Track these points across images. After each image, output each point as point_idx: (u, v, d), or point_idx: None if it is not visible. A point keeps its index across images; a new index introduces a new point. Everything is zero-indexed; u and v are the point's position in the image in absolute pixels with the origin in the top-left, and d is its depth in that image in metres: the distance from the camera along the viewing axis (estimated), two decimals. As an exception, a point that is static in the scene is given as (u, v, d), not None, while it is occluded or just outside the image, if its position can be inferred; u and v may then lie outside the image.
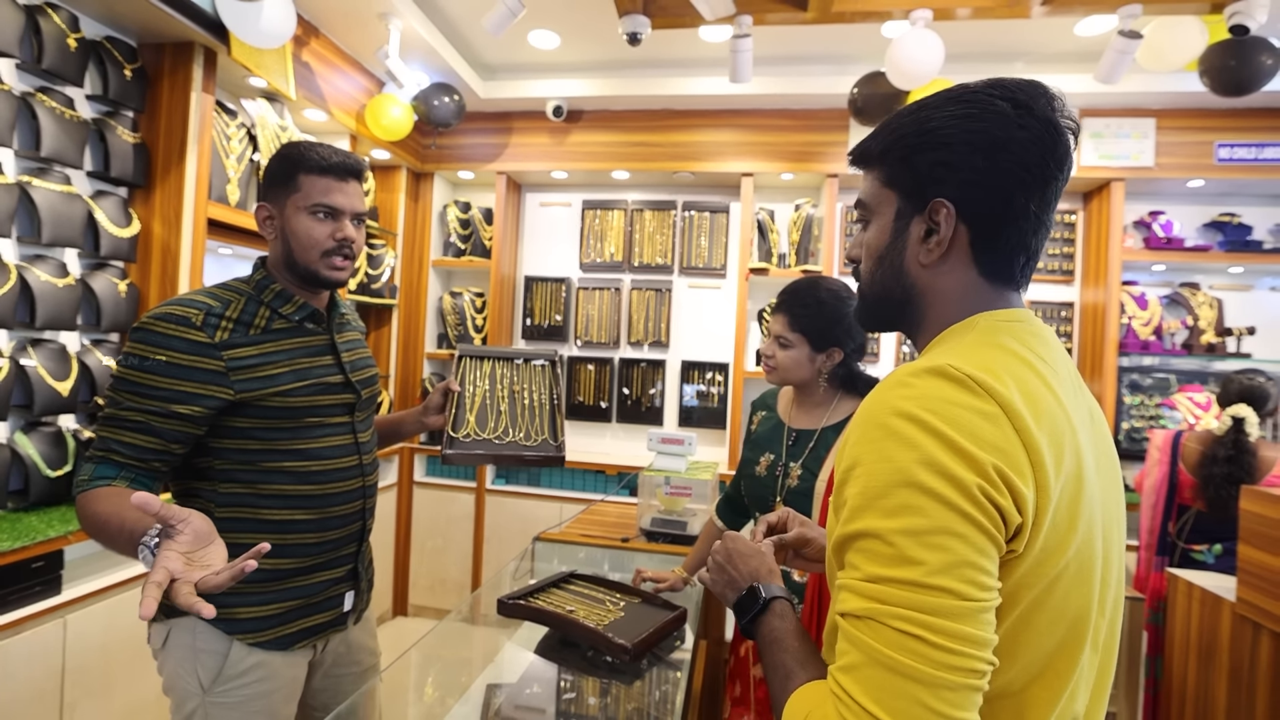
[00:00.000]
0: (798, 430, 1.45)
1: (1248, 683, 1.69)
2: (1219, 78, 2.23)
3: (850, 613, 0.56)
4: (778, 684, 0.66)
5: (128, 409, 1.06)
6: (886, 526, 0.55)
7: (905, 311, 0.72)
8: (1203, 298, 3.11)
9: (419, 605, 3.58)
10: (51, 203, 1.81)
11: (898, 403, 0.58)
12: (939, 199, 0.66)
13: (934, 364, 0.60)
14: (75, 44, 1.88)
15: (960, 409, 0.56)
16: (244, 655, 1.15)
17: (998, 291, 0.69)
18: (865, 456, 0.58)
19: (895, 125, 0.70)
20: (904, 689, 0.52)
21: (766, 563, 0.81)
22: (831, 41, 2.87)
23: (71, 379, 1.87)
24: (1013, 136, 0.63)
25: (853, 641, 0.55)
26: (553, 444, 1.50)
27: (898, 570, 0.53)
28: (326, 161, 1.18)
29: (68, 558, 1.74)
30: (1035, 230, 0.66)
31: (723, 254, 3.56)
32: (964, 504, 0.53)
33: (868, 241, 0.73)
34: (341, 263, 1.22)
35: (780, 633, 0.71)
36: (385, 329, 3.50)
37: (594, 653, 1.32)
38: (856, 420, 0.62)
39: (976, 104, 0.64)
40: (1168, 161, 2.96)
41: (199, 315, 1.10)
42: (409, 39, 2.72)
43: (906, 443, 0.55)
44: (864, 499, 0.57)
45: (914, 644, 0.52)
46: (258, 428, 1.14)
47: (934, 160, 0.66)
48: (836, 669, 0.56)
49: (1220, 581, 1.91)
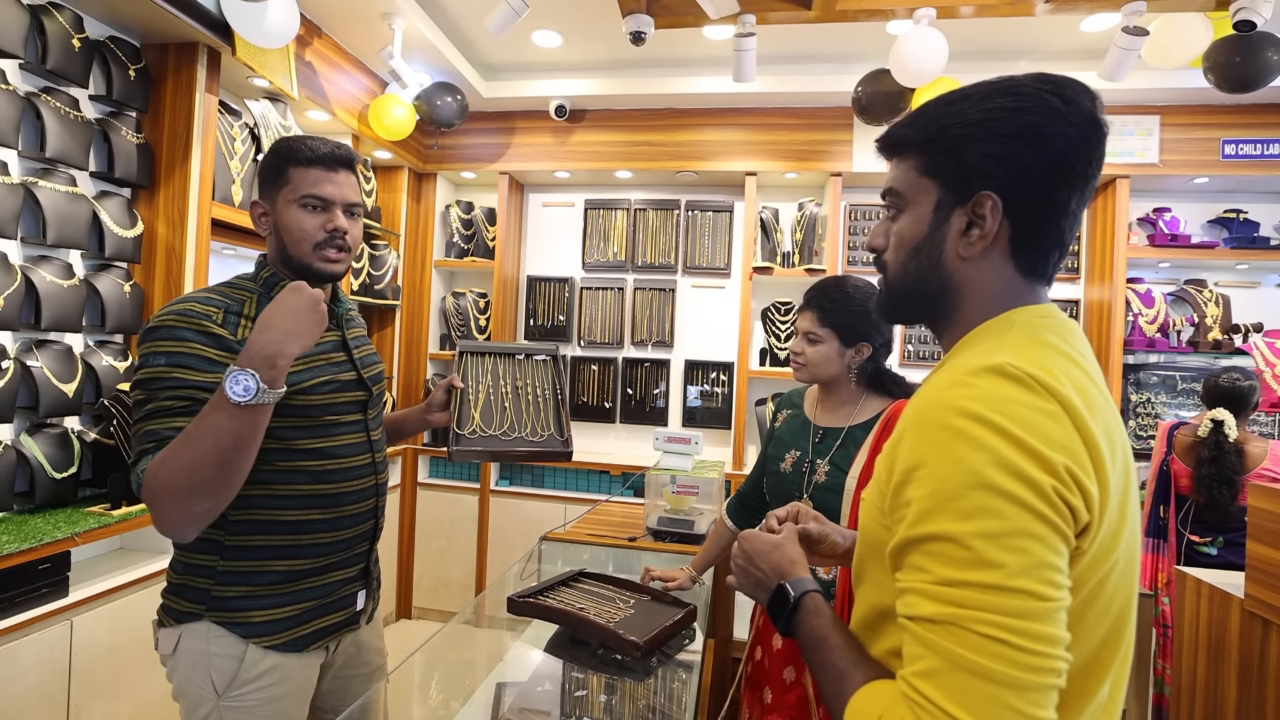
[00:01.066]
0: (824, 428, 1.45)
1: (1257, 679, 1.69)
2: (1224, 74, 2.23)
3: (924, 617, 0.55)
4: (831, 686, 0.65)
5: (169, 398, 1.02)
6: (962, 529, 0.54)
7: (937, 304, 0.70)
8: (1209, 294, 3.11)
9: (423, 608, 3.57)
10: (56, 203, 1.80)
11: (961, 402, 0.57)
12: (985, 192, 0.64)
13: (991, 363, 0.59)
14: (79, 44, 1.88)
15: (1025, 409, 0.56)
16: (259, 659, 1.13)
17: (1029, 286, 0.68)
18: (931, 458, 0.57)
19: (938, 114, 0.68)
20: (990, 693, 0.51)
21: (787, 554, 0.79)
22: (835, 40, 2.86)
23: (77, 380, 1.87)
24: (1061, 132, 0.62)
25: (929, 646, 0.54)
26: (559, 439, 1.48)
27: (977, 573, 0.53)
28: (315, 153, 1.16)
29: (74, 560, 1.74)
30: (1071, 226, 0.66)
31: (726, 253, 3.55)
32: (1040, 505, 0.53)
33: (901, 231, 0.71)
34: (336, 255, 1.18)
35: (820, 630, 0.70)
36: (388, 330, 3.49)
37: (604, 650, 1.31)
38: (914, 421, 0.61)
39: (1027, 97, 0.63)
40: (1173, 158, 2.96)
41: (218, 313, 1.09)
42: (411, 39, 2.72)
43: (977, 444, 0.55)
44: (934, 501, 0.56)
45: (999, 647, 0.51)
46: (276, 426, 1.11)
47: (982, 152, 0.64)
48: (912, 674, 0.55)
49: (1228, 579, 1.90)
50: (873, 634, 0.69)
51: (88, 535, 1.71)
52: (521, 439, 1.45)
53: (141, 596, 1.83)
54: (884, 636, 0.67)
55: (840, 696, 0.63)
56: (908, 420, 0.62)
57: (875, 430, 1.36)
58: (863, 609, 0.72)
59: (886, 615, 0.66)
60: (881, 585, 0.67)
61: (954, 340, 0.70)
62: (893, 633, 0.65)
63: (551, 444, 1.46)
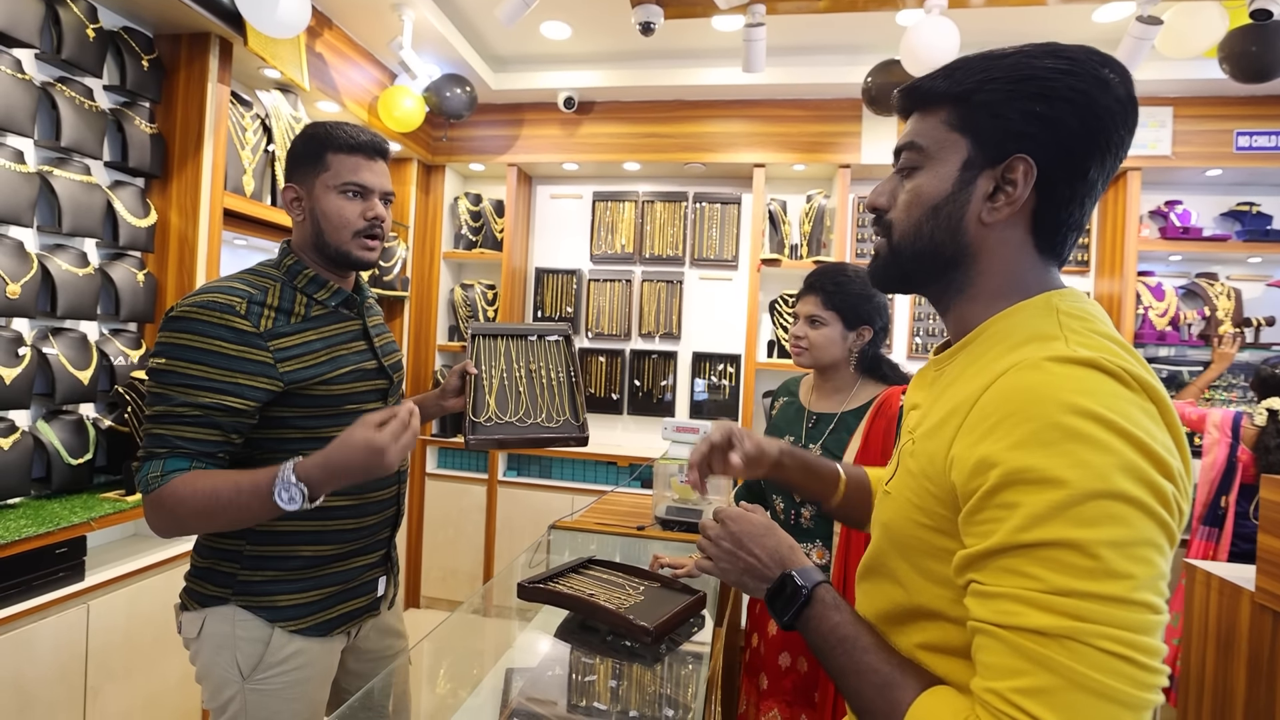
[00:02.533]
0: (817, 413, 1.46)
1: (1267, 672, 1.69)
2: (1240, 64, 2.20)
3: (1034, 629, 0.50)
4: (870, 691, 0.60)
5: (182, 404, 1.02)
6: (1088, 537, 0.49)
7: (948, 272, 0.66)
8: (1220, 288, 3.08)
9: (431, 597, 3.60)
10: (72, 192, 1.82)
11: (1069, 397, 0.52)
12: (1020, 154, 0.61)
13: (1081, 355, 0.54)
14: (94, 34, 1.89)
15: (1133, 407, 0.52)
16: (285, 642, 1.15)
17: (1046, 267, 0.65)
18: (1046, 461, 0.51)
19: (982, 65, 0.63)
20: (1111, 713, 0.48)
21: (785, 539, 0.75)
22: (844, 31, 2.85)
23: (92, 368, 1.89)
24: (1106, 105, 0.59)
25: (1038, 661, 0.50)
26: (574, 423, 1.45)
27: (1100, 585, 0.49)
28: (355, 140, 1.16)
29: (90, 544, 1.76)
30: (1091, 210, 0.64)
31: (734, 245, 3.55)
32: (1163, 513, 0.51)
33: (918, 188, 0.66)
34: (373, 243, 1.20)
35: (847, 629, 0.65)
36: (397, 321, 3.51)
37: (613, 636, 1.32)
38: (1008, 415, 0.54)
39: (1079, 63, 0.60)
40: (1185, 150, 2.93)
41: (241, 303, 1.07)
42: (421, 30, 2.72)
43: (1100, 447, 0.50)
44: (1053, 507, 0.50)
45: (1122, 665, 0.48)
46: (299, 416, 1.13)
47: (1027, 111, 0.60)
48: (1012, 691, 0.50)
49: (1239, 571, 1.90)
50: (895, 629, 0.66)
51: (103, 520, 1.73)
52: (537, 424, 1.42)
53: (157, 581, 1.85)
54: (912, 631, 0.64)
55: (892, 707, 0.58)
56: (992, 416, 0.55)
57: (870, 414, 1.37)
58: (881, 604, 0.68)
59: (919, 613, 0.63)
60: (912, 584, 0.64)
61: (964, 315, 0.67)
62: (927, 628, 0.62)
63: (567, 429, 1.43)
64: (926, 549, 0.62)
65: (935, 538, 0.61)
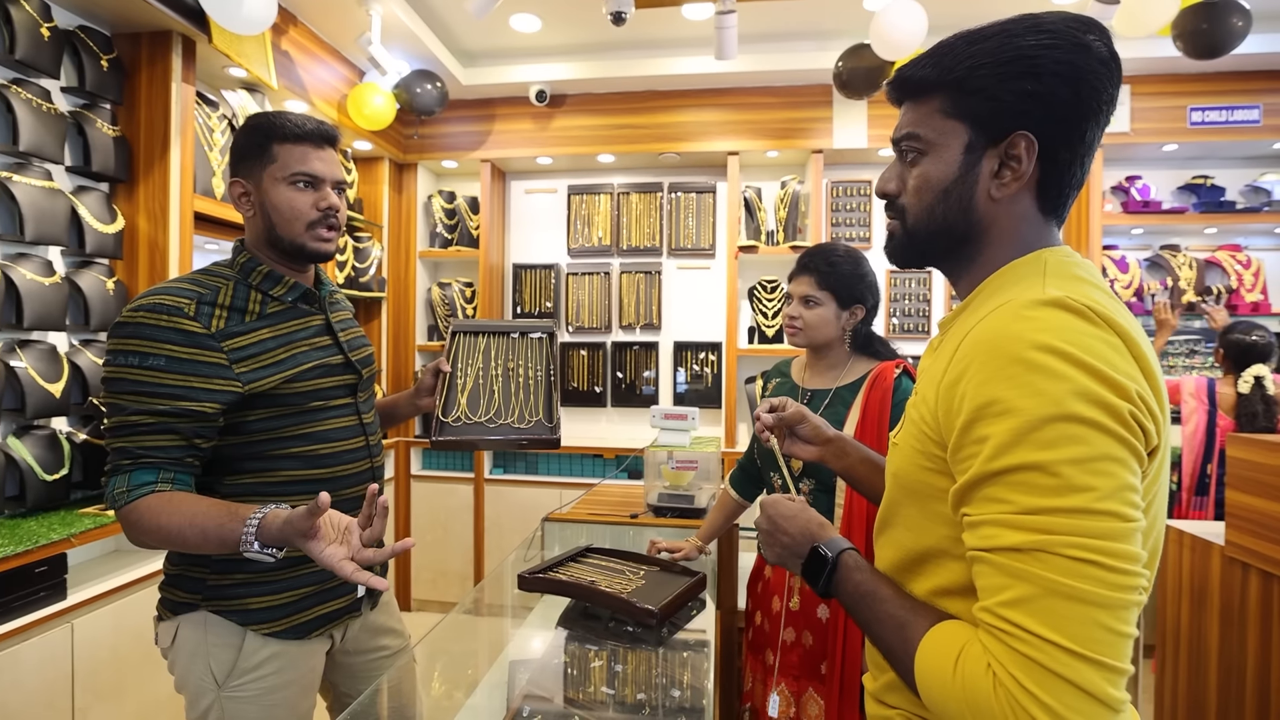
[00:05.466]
0: (811, 390, 1.48)
1: (1239, 621, 1.76)
2: (1192, 41, 2.28)
3: (1009, 547, 0.55)
4: (891, 635, 0.65)
5: (137, 413, 1.00)
6: (1049, 458, 0.54)
7: (961, 247, 0.70)
8: (1183, 258, 3.20)
9: (422, 599, 3.57)
10: (33, 199, 1.76)
11: (1032, 335, 0.57)
12: (1021, 131, 0.64)
13: (1049, 296, 0.59)
14: (48, 34, 1.83)
15: (1092, 339, 0.56)
16: (259, 646, 1.12)
17: (1047, 226, 0.69)
18: (1007, 393, 0.56)
19: (966, 52, 0.65)
20: (1085, 614, 0.52)
21: (814, 517, 0.80)
22: (812, 17, 2.88)
23: (63, 380, 1.83)
24: (1092, 68, 0.62)
25: (1016, 575, 0.55)
26: (546, 425, 1.40)
27: (1064, 499, 0.53)
28: (301, 129, 1.12)
29: (71, 561, 1.71)
30: (1090, 163, 0.67)
31: (711, 234, 3.57)
32: (1121, 430, 0.54)
33: (925, 174, 0.69)
34: (328, 233, 1.16)
35: (866, 585, 0.70)
36: (374, 322, 3.46)
37: (615, 623, 1.33)
38: (978, 358, 0.60)
39: (1059, 34, 0.62)
40: (1143, 126, 3.03)
41: (190, 304, 1.04)
42: (389, 26, 2.68)
43: (1055, 375, 0.55)
44: (1014, 434, 0.55)
45: (1091, 569, 0.52)
46: (263, 417, 1.10)
47: (1020, 91, 0.62)
48: (998, 605, 0.55)
49: (1208, 528, 1.98)
50: (911, 576, 0.70)
51: (84, 536, 1.68)
52: (508, 426, 1.36)
53: (141, 596, 1.81)
54: (926, 576, 0.68)
55: (906, 644, 0.63)
56: (968, 358, 0.61)
57: (865, 388, 1.39)
58: (895, 553, 0.72)
59: (927, 556, 0.67)
60: (921, 527, 0.68)
61: (975, 280, 0.70)
62: (937, 572, 0.66)
63: (539, 431, 1.38)
64: (930, 491, 0.66)
65: (936, 479, 0.65)
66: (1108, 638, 0.52)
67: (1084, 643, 0.52)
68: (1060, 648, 0.52)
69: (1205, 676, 1.88)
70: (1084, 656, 0.52)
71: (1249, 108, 2.96)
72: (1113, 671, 0.52)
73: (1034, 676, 0.52)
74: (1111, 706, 0.52)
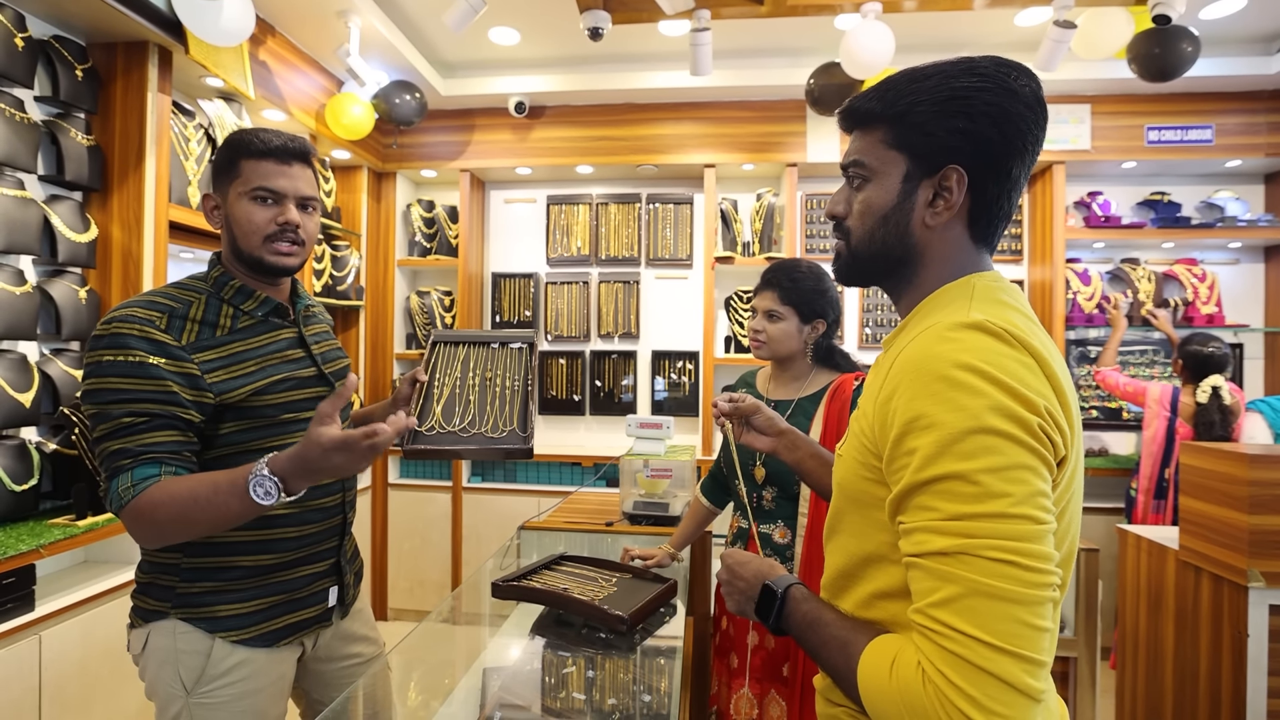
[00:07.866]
0: (775, 400, 1.52)
1: (1192, 622, 1.83)
2: (1146, 64, 2.39)
3: (936, 551, 0.60)
4: (836, 655, 0.69)
5: (128, 415, 1.01)
6: (968, 467, 0.59)
7: (899, 269, 0.75)
8: (1142, 271, 3.31)
9: (399, 609, 3.55)
10: (4, 208, 1.75)
11: (954, 355, 0.62)
12: (953, 165, 0.69)
13: (971, 320, 0.64)
14: (22, 44, 1.82)
15: (1007, 359, 0.61)
16: (227, 654, 1.13)
17: (979, 253, 0.75)
18: (932, 409, 0.61)
19: (907, 89, 0.71)
20: (1006, 611, 0.56)
21: (766, 561, 0.84)
22: (786, 34, 2.95)
23: (33, 390, 1.82)
24: (1018, 112, 0.68)
25: (943, 577, 0.59)
26: (520, 435, 1.38)
27: (984, 505, 0.58)
28: (267, 145, 1.14)
29: (40, 573, 1.69)
30: (1017, 199, 0.73)
31: (688, 245, 3.62)
32: (1031, 441, 0.59)
33: (868, 200, 0.74)
34: (287, 248, 1.17)
35: (812, 612, 0.74)
36: (353, 331, 3.46)
37: (588, 629, 1.35)
38: (906, 376, 0.64)
39: (990, 77, 0.68)
40: (1103, 144, 3.14)
41: (162, 318, 1.06)
42: (368, 37, 2.70)
43: (973, 392, 0.60)
44: (938, 446, 0.60)
45: (1010, 569, 0.56)
46: (235, 430, 1.11)
47: (953, 128, 0.68)
48: (928, 605, 0.59)
49: (1164, 534, 2.05)
50: (854, 581, 0.74)
51: (53, 547, 1.67)
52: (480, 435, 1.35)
53: (111, 608, 1.79)
54: (867, 580, 0.72)
55: (849, 660, 0.67)
56: (899, 377, 0.66)
57: (826, 399, 1.44)
58: (841, 559, 0.76)
59: (869, 561, 0.72)
60: (863, 533, 0.72)
61: (913, 302, 0.76)
62: (877, 576, 0.71)
63: (512, 440, 1.36)
64: (870, 499, 0.70)
65: (875, 488, 0.70)
66: (1026, 632, 0.56)
67: (1004, 637, 0.56)
68: (982, 643, 0.56)
69: (1162, 678, 1.95)
70: (1004, 650, 0.55)
71: (1202, 128, 3.08)
72: (1031, 664, 0.56)
73: (959, 671, 0.56)
74: (1031, 696, 0.56)
